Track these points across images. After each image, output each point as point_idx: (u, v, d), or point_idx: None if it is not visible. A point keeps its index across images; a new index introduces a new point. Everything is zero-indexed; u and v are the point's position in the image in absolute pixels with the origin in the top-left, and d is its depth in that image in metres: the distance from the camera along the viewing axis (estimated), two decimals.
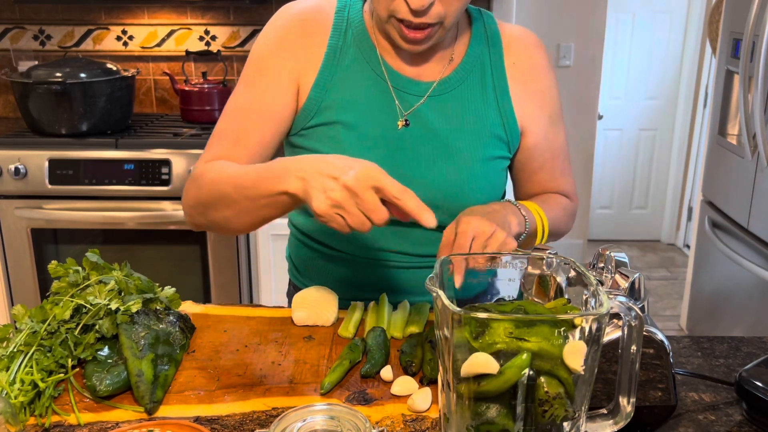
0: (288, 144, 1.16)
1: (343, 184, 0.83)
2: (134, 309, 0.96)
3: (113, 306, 0.96)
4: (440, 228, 1.01)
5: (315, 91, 1.08)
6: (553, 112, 1.17)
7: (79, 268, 1.02)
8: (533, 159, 1.18)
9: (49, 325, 0.93)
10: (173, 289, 1.08)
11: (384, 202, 0.84)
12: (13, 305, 2.52)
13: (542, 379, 0.67)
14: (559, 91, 1.19)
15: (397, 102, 1.08)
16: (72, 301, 0.96)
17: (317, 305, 1.09)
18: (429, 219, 0.83)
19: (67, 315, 0.94)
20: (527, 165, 1.19)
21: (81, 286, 0.99)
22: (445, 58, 1.11)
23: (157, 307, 1.02)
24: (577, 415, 0.71)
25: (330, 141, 1.08)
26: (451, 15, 1.00)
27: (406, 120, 1.08)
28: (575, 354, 0.67)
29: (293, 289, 1.31)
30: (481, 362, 0.67)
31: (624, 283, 0.83)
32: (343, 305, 1.15)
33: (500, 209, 1.03)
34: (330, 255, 1.20)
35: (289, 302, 1.28)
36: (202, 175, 1.03)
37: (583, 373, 0.68)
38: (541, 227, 1.09)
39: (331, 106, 1.08)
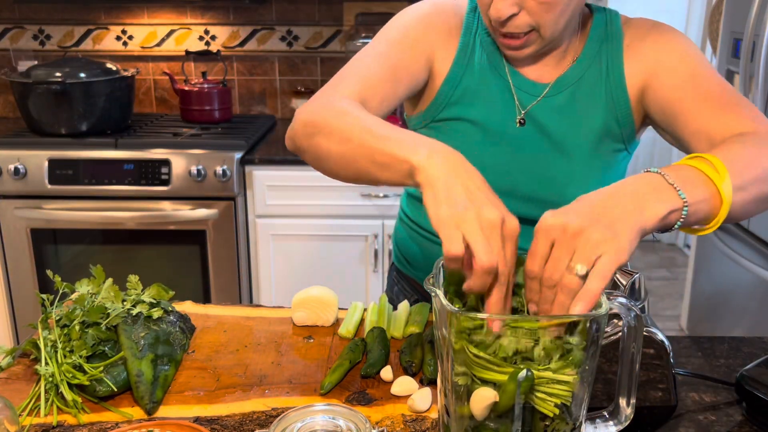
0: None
1: (477, 211, 0.71)
2: (156, 315, 0.99)
3: (136, 311, 0.98)
4: None
5: (446, 86, 1.12)
6: (687, 64, 1.04)
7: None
8: (674, 108, 1.01)
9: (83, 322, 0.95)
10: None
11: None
12: (12, 305, 2.52)
13: (539, 400, 0.67)
14: (694, 52, 1.05)
15: (516, 101, 1.11)
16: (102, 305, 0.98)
17: (317, 305, 1.09)
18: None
19: (95, 317, 0.96)
20: (672, 117, 1.02)
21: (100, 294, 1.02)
22: (562, 58, 1.12)
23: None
24: (577, 424, 0.71)
25: (458, 135, 1.12)
26: (547, 26, 1.01)
27: (521, 120, 1.11)
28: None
29: (396, 274, 1.35)
30: (485, 396, 0.67)
31: (624, 283, 0.83)
32: (346, 305, 1.15)
33: (622, 189, 0.73)
34: (439, 245, 1.20)
35: (390, 282, 1.37)
36: (336, 103, 0.95)
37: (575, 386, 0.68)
38: (716, 189, 0.76)
39: (458, 102, 1.12)
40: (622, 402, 0.75)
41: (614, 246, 0.68)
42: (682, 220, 0.74)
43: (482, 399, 0.67)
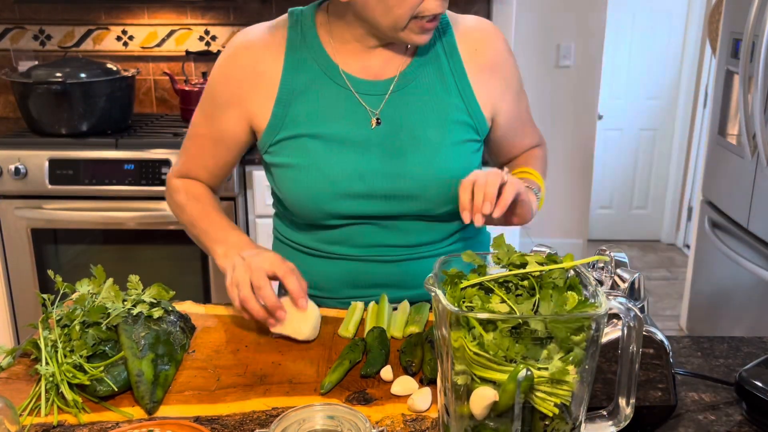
0: (264, 164, 1.19)
1: (247, 263, 1.03)
2: (156, 315, 0.99)
3: (137, 311, 0.98)
4: (426, 218, 1.12)
5: (277, 108, 1.12)
6: (518, 88, 1.23)
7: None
8: (509, 133, 1.24)
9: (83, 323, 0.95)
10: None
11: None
12: (13, 305, 2.52)
13: (539, 399, 0.67)
14: (517, 67, 1.23)
15: (365, 105, 1.11)
16: (103, 305, 0.98)
17: (292, 317, 1.04)
18: (302, 303, 1.03)
19: (95, 317, 0.95)
20: (505, 140, 1.25)
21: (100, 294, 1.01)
22: (400, 54, 1.13)
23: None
24: (576, 423, 0.71)
25: (298, 152, 1.12)
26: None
27: (378, 119, 1.11)
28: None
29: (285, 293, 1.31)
30: (484, 396, 0.67)
31: (624, 284, 0.83)
32: (345, 305, 1.15)
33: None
34: (321, 257, 1.20)
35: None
36: (176, 191, 1.25)
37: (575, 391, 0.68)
38: (543, 185, 1.21)
39: (295, 120, 1.12)
40: (622, 402, 0.75)
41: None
42: (537, 197, 1.14)
43: (482, 398, 0.67)
